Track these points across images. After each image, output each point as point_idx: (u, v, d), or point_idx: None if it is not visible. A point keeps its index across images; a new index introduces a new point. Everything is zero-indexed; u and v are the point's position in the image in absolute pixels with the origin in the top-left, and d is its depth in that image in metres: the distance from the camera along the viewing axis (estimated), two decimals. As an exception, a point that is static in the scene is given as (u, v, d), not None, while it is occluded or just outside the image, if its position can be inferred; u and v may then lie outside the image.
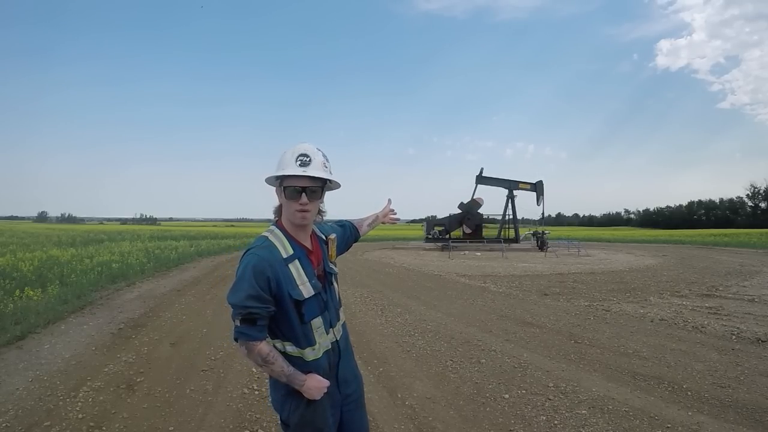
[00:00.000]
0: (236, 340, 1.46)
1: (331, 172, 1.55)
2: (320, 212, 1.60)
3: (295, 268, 1.48)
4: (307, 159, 1.47)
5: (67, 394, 3.49)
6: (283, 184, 1.49)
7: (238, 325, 1.43)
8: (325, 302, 1.56)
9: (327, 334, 1.56)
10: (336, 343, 1.61)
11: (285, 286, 1.44)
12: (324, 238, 1.67)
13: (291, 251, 1.49)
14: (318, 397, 1.48)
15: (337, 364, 1.61)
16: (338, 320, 1.64)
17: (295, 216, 1.49)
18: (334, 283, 1.65)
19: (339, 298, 1.69)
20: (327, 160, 1.54)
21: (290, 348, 1.51)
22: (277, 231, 1.53)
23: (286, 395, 1.51)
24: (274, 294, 1.43)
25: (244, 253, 1.48)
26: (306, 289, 1.48)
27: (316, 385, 1.48)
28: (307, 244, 1.57)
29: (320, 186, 1.51)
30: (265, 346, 1.45)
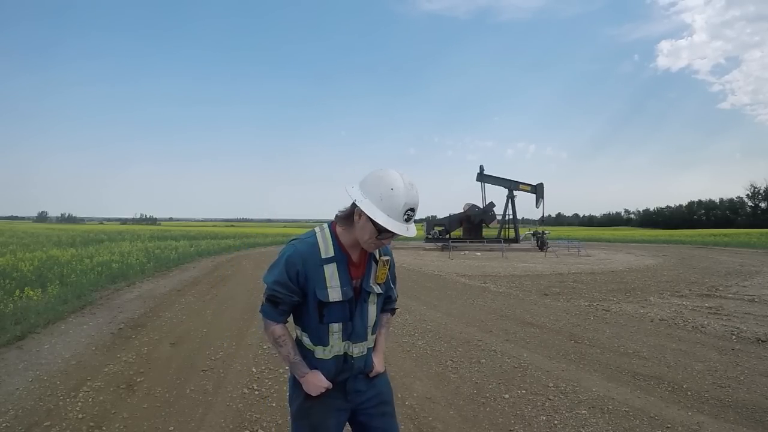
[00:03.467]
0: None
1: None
2: None
3: (330, 271, 1.48)
4: (413, 214, 1.42)
5: (67, 394, 3.49)
6: (380, 225, 1.38)
7: (264, 302, 1.52)
8: (352, 314, 1.53)
9: (342, 341, 1.54)
10: (351, 358, 1.56)
11: (312, 283, 1.47)
12: (376, 257, 1.60)
13: (332, 254, 1.49)
14: (313, 394, 1.51)
15: (347, 377, 1.58)
16: (363, 340, 1.57)
17: (370, 245, 1.46)
18: (370, 303, 1.58)
19: (376, 322, 1.63)
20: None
21: (306, 340, 1.55)
22: (327, 231, 1.53)
23: (295, 384, 1.58)
24: (301, 287, 1.48)
25: (289, 242, 1.53)
26: (334, 293, 1.48)
27: (314, 381, 1.51)
28: (354, 254, 1.54)
29: None
30: (279, 329, 1.52)
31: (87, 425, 2.99)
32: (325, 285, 1.47)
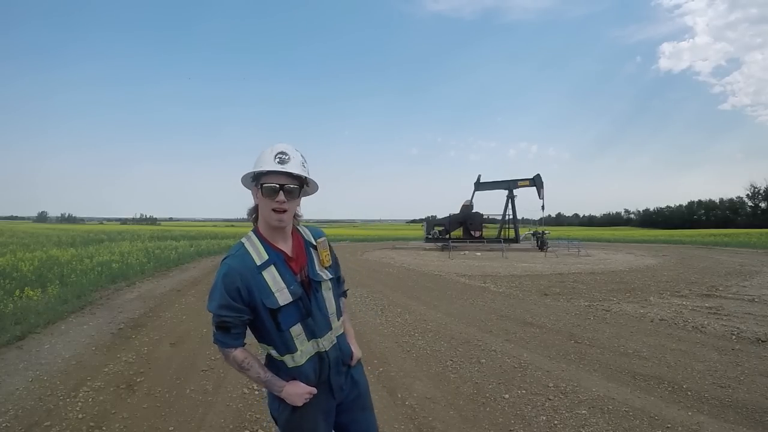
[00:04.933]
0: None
1: (308, 174, 1.51)
2: (296, 216, 1.55)
3: (270, 275, 1.44)
4: (286, 157, 1.45)
5: (67, 394, 3.49)
6: (260, 182, 1.45)
7: (215, 331, 1.46)
8: (308, 310, 1.49)
9: (308, 341, 1.49)
10: (324, 354, 1.52)
11: (258, 294, 1.42)
12: (312, 242, 1.59)
13: (266, 257, 1.45)
14: (299, 404, 1.46)
15: (328, 374, 1.53)
16: (328, 330, 1.54)
17: (271, 217, 1.44)
18: (324, 291, 1.55)
19: (337, 307, 1.60)
20: (305, 161, 1.52)
21: (273, 353, 1.50)
22: (254, 237, 1.50)
23: (276, 396, 1.52)
24: (247, 303, 1.43)
25: (222, 261, 1.48)
26: (282, 296, 1.43)
27: (295, 391, 1.46)
28: (286, 248, 1.51)
29: (298, 186, 1.48)
30: (240, 353, 1.47)
31: (87, 425, 2.99)
32: (270, 291, 1.42)
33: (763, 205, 77.41)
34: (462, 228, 25.34)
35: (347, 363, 1.60)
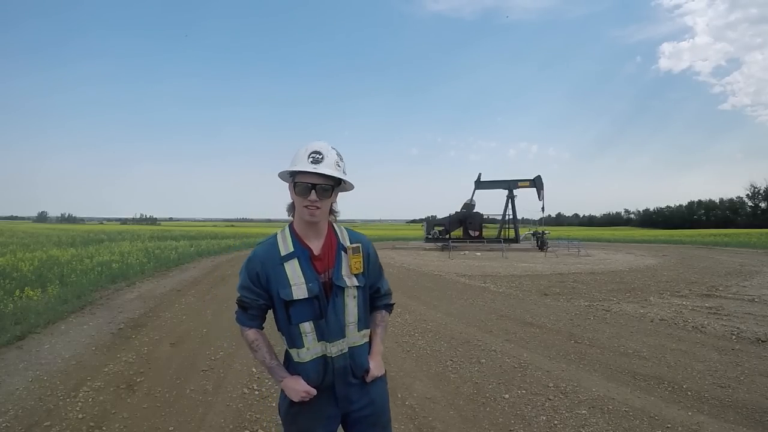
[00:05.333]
0: None
1: (344, 172, 1.51)
2: (333, 212, 1.57)
3: (291, 268, 1.47)
4: (320, 156, 1.45)
5: (67, 394, 3.49)
6: (294, 180, 1.47)
7: (236, 308, 1.57)
8: (323, 311, 1.47)
9: (317, 342, 1.48)
10: (330, 360, 1.49)
11: (275, 284, 1.47)
12: (345, 245, 1.55)
13: (291, 250, 1.49)
14: (295, 399, 1.47)
15: (332, 381, 1.51)
16: (340, 338, 1.50)
17: (304, 212, 1.46)
18: (347, 298, 1.50)
19: (360, 318, 1.54)
20: (341, 159, 1.51)
21: (285, 344, 1.55)
22: (287, 231, 1.55)
23: None
24: (265, 289, 1.50)
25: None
26: (299, 291, 1.45)
27: (293, 386, 1.48)
28: (316, 246, 1.51)
29: (332, 185, 1.47)
30: (252, 334, 1.55)
31: (87, 425, 2.99)
32: (288, 283, 1.45)
33: (763, 205, 77.43)
34: (462, 228, 25.38)
35: (360, 377, 1.56)
